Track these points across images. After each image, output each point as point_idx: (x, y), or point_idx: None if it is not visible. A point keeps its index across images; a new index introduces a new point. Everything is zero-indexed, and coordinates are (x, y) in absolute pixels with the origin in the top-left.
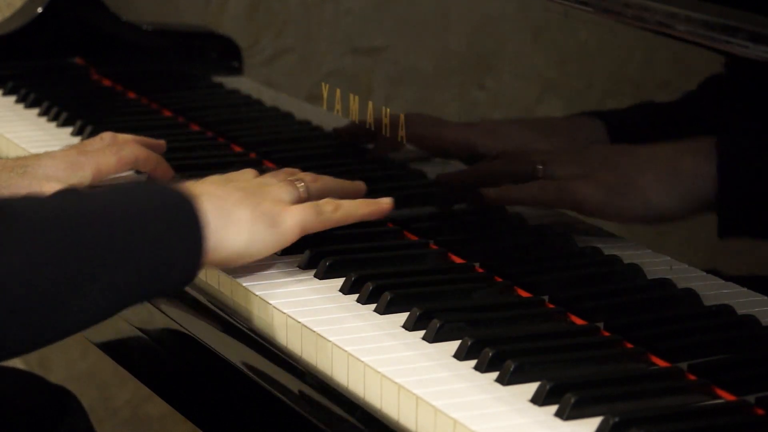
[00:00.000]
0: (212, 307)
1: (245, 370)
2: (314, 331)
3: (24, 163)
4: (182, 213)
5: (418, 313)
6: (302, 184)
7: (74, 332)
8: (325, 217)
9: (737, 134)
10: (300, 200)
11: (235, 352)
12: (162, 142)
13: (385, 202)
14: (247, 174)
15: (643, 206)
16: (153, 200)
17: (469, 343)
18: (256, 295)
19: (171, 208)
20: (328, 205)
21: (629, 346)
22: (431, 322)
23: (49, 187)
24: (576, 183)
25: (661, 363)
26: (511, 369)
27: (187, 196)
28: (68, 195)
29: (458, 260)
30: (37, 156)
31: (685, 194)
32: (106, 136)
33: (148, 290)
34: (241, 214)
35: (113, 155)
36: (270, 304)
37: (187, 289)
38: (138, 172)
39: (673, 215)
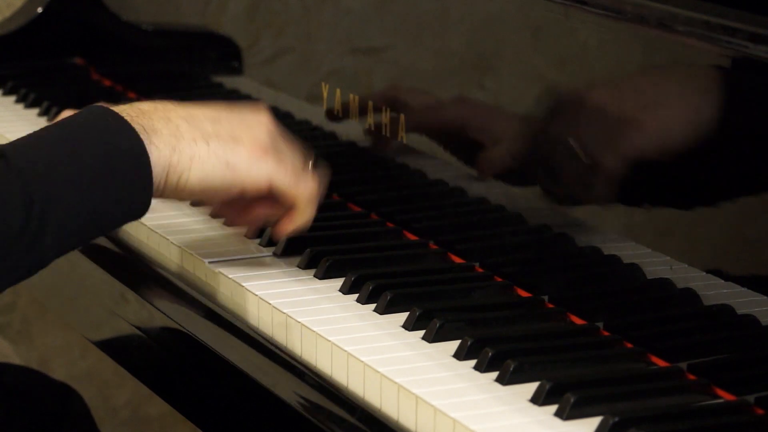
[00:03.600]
0: (212, 306)
1: (245, 369)
2: (314, 331)
3: None
4: (130, 159)
5: (417, 313)
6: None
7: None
8: (299, 191)
9: (736, 134)
10: None
11: (235, 352)
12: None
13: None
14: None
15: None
16: (104, 149)
17: (468, 343)
18: (256, 295)
19: (119, 157)
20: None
21: (629, 345)
22: (431, 321)
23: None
24: None
25: (661, 363)
26: (511, 369)
27: (137, 137)
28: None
29: (458, 260)
30: None
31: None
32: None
33: (99, 229)
34: (205, 148)
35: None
36: (270, 303)
37: (187, 288)
38: None
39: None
